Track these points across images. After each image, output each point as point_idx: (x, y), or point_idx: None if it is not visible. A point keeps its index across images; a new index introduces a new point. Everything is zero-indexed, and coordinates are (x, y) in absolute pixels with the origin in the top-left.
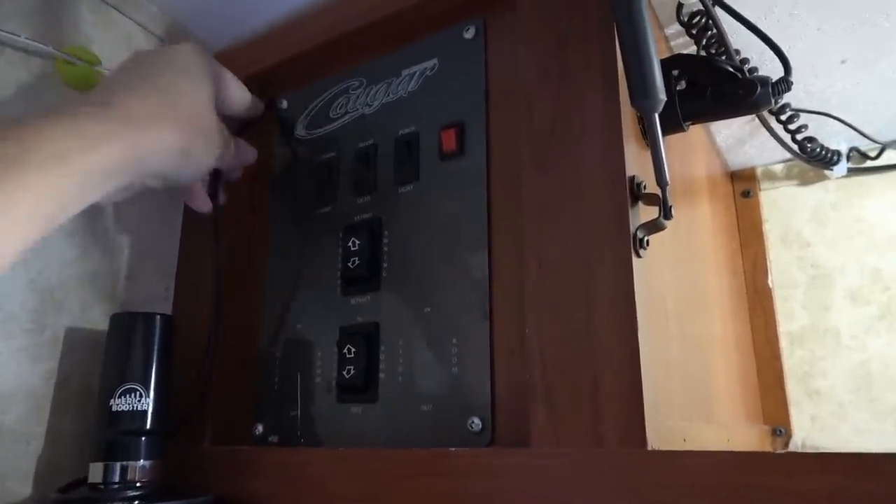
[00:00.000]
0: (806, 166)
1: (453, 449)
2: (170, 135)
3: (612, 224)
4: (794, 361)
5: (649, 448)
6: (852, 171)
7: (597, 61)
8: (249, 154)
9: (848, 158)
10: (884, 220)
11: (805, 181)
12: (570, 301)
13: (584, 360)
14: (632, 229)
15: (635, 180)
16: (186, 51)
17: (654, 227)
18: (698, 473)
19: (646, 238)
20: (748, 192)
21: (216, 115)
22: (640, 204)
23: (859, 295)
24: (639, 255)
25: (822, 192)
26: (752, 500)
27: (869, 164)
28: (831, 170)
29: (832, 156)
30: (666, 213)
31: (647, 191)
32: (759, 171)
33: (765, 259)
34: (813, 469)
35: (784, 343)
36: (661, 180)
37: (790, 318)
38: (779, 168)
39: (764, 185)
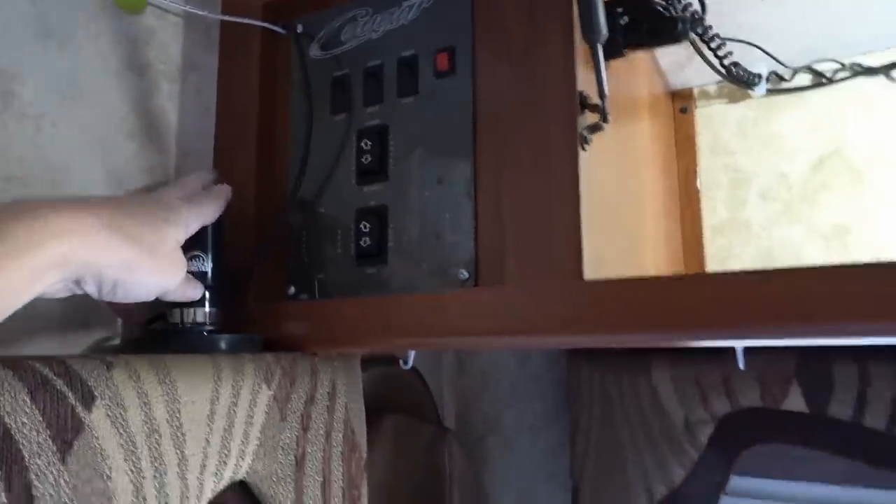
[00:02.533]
0: (734, 87)
1: (448, 291)
2: (125, 246)
3: (566, 126)
4: (715, 248)
5: (585, 279)
6: (770, 92)
7: (559, 3)
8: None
9: (767, 80)
10: (793, 132)
11: (733, 99)
12: (535, 183)
13: (544, 224)
14: (579, 130)
15: (583, 94)
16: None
17: (595, 128)
18: (625, 294)
19: (589, 136)
20: (685, 109)
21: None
22: (587, 112)
23: (768, 194)
24: (584, 150)
25: (746, 109)
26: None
27: (784, 85)
28: (753, 90)
29: (754, 78)
30: (604, 117)
31: (591, 102)
32: (695, 91)
33: (696, 166)
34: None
35: (707, 234)
36: (601, 92)
37: (713, 214)
38: (712, 88)
39: (700, 102)
